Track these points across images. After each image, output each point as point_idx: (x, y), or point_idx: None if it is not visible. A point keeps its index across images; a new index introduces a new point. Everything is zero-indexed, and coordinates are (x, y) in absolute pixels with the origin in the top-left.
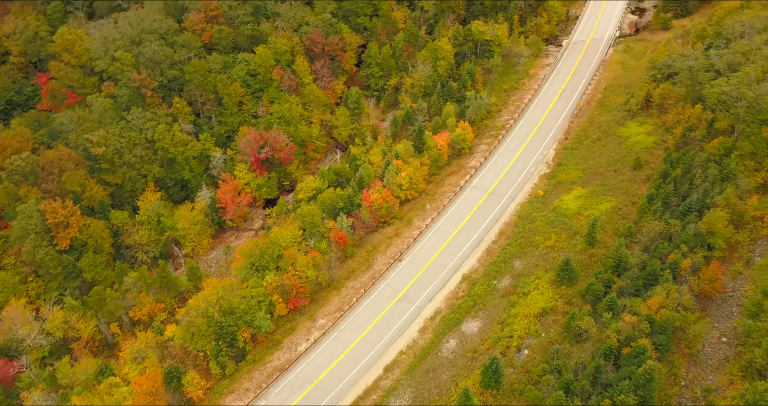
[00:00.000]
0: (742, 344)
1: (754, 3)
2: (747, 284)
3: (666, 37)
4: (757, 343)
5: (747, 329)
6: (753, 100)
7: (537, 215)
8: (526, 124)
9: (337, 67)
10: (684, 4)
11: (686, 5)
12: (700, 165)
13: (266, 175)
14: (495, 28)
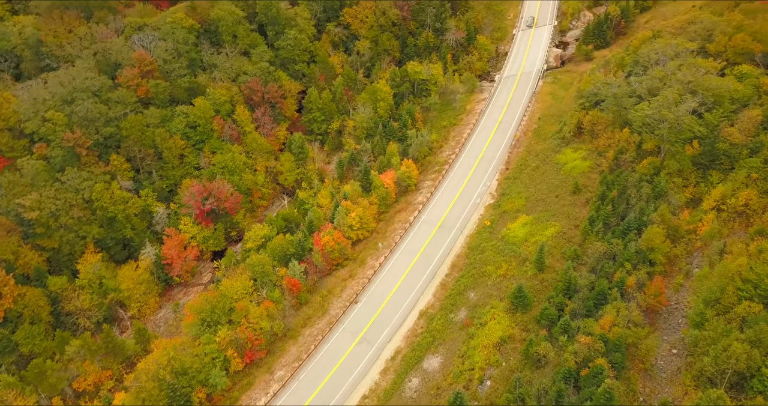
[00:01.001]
0: (692, 354)
1: (663, 32)
2: (689, 296)
3: (590, 68)
4: (704, 352)
5: (694, 339)
6: (674, 121)
7: (486, 245)
8: (468, 157)
9: (279, 113)
10: (602, 37)
11: (605, 37)
12: (633, 185)
13: (212, 226)
14: (430, 68)
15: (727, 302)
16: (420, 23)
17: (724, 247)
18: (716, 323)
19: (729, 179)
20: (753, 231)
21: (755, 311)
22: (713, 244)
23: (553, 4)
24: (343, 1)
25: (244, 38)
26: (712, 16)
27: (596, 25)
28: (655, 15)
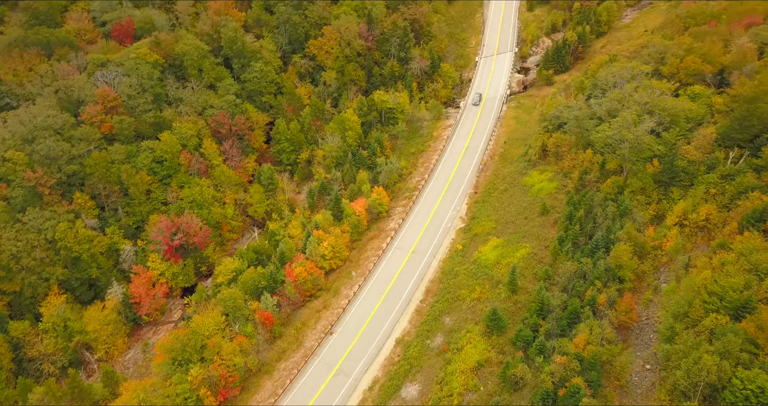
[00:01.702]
0: (664, 369)
1: (619, 56)
2: (658, 310)
3: (551, 92)
4: (676, 365)
5: (666, 353)
6: (634, 141)
7: (459, 269)
8: (437, 182)
9: (247, 145)
10: (562, 62)
11: (564, 62)
12: (599, 204)
13: (181, 262)
14: (396, 96)
15: (694, 315)
16: (385, 53)
17: (688, 261)
18: (686, 336)
19: (689, 195)
20: (715, 245)
21: (722, 323)
22: (678, 259)
23: (513, 31)
24: (308, 33)
25: (210, 72)
26: (664, 39)
27: (555, 50)
28: (610, 40)
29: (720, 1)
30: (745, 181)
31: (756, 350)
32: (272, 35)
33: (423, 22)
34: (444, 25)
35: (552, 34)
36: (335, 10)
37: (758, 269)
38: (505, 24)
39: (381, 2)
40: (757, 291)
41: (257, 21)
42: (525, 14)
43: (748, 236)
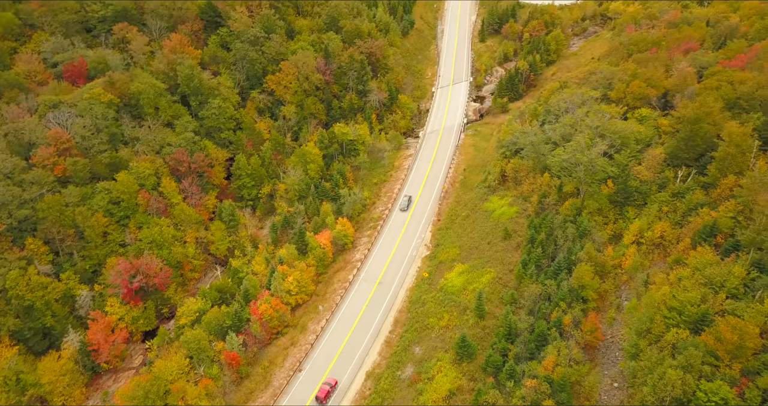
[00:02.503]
0: (632, 386)
1: (569, 83)
2: (622, 328)
3: (507, 119)
4: (643, 382)
5: (632, 370)
6: (588, 163)
7: (426, 298)
8: (401, 212)
9: (207, 182)
10: (515, 89)
11: (517, 90)
12: (559, 226)
13: (142, 305)
14: (356, 128)
15: (656, 330)
16: (343, 86)
17: (647, 278)
18: (650, 352)
19: (644, 214)
20: (671, 261)
21: (683, 337)
22: (637, 276)
23: (467, 62)
24: (266, 69)
25: (167, 110)
26: (610, 66)
27: (508, 79)
28: (560, 67)
29: (659, 29)
30: (695, 199)
31: (716, 362)
32: (229, 72)
33: (379, 55)
34: (400, 58)
35: (504, 64)
36: (292, 45)
37: (712, 283)
38: (459, 55)
39: (337, 37)
40: (713, 304)
41: (214, 58)
42: (477, 45)
43: (701, 250)
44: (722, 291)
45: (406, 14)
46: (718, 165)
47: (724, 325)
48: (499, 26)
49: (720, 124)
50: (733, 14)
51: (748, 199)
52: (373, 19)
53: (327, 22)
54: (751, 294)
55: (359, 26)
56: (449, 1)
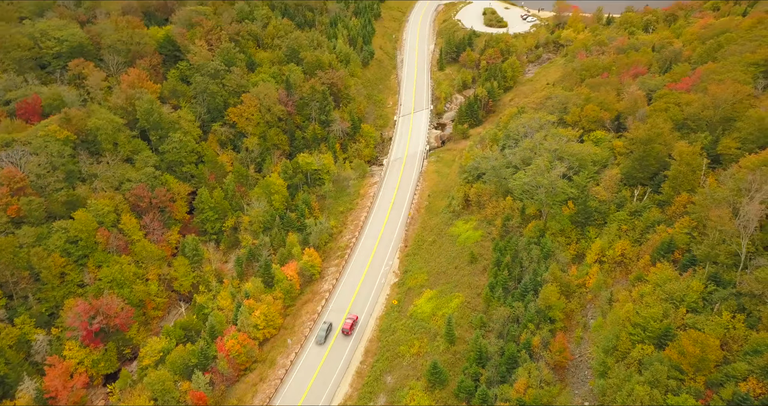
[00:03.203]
0: (602, 404)
1: (527, 108)
2: (590, 347)
3: (468, 145)
4: (612, 399)
5: (601, 388)
6: (548, 186)
7: (396, 325)
8: (368, 239)
9: (169, 217)
10: (475, 116)
11: (477, 116)
12: (524, 248)
13: (102, 347)
14: (321, 158)
15: (623, 347)
16: (306, 117)
17: (611, 296)
18: (617, 369)
19: (604, 233)
20: (632, 278)
21: (648, 353)
22: (602, 294)
23: (427, 90)
24: (227, 101)
25: (126, 145)
26: (564, 91)
27: (468, 106)
28: (517, 93)
29: (608, 55)
30: (651, 217)
31: (681, 375)
32: (190, 105)
33: (341, 86)
34: (361, 88)
35: (463, 91)
36: (253, 77)
37: (673, 298)
38: (419, 83)
39: (298, 68)
40: (674, 319)
41: (173, 92)
42: (436, 73)
43: (660, 267)
44: (682, 306)
45: (366, 45)
46: (671, 183)
47: (686, 339)
48: (456, 55)
49: (670, 144)
50: (676, 40)
51: (701, 215)
52: (333, 50)
53: (287, 54)
54: (710, 307)
55: (320, 57)
56: (408, 32)
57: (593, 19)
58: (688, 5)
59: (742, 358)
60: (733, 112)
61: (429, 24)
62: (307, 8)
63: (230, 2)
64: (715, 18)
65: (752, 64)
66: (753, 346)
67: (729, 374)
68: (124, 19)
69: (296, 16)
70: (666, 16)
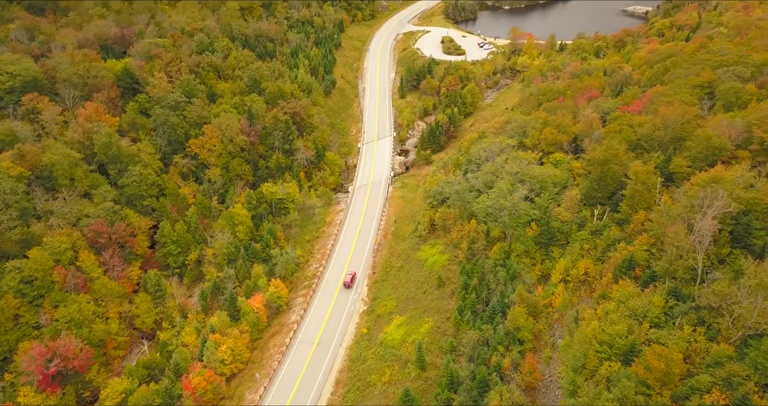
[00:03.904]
0: None
1: (487, 133)
2: (559, 366)
3: (431, 170)
4: None
5: None
6: (511, 208)
7: (367, 354)
8: (335, 267)
9: (129, 253)
10: (437, 141)
11: (439, 142)
12: (490, 271)
13: (60, 391)
14: (285, 187)
15: (591, 365)
16: (269, 146)
17: (577, 315)
18: (587, 388)
19: (567, 253)
20: (597, 296)
21: (615, 369)
22: (568, 313)
23: (389, 117)
24: (188, 133)
25: (84, 180)
26: (523, 115)
27: (430, 132)
28: (477, 119)
29: (563, 80)
30: (612, 235)
31: (648, 391)
32: (150, 137)
33: (304, 115)
34: (324, 116)
35: (425, 118)
36: (214, 108)
37: (636, 314)
38: (382, 111)
39: (260, 98)
40: (639, 335)
41: (133, 125)
42: (398, 101)
43: (622, 284)
44: (645, 321)
45: (328, 75)
46: (628, 202)
47: (651, 354)
48: (417, 83)
49: (626, 164)
50: (625, 64)
51: (658, 232)
52: (295, 80)
53: (249, 85)
54: (672, 322)
55: (282, 87)
56: (368, 61)
57: (547, 46)
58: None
59: (705, 370)
60: (682, 132)
61: (389, 53)
62: (267, 39)
63: (189, 34)
64: (661, 43)
65: (697, 86)
66: (714, 358)
67: (693, 386)
68: (81, 52)
69: (257, 46)
70: (615, 42)
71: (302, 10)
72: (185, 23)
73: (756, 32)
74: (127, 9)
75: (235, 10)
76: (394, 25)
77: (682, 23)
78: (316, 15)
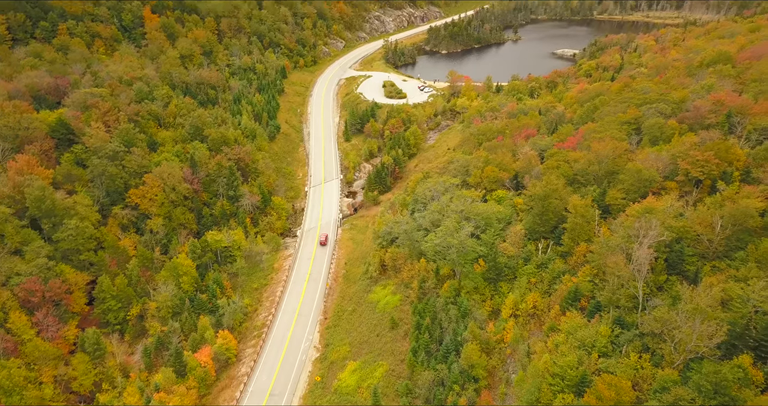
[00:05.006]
0: None
1: (431, 172)
2: (514, 402)
3: (379, 211)
4: None
5: None
6: (459, 246)
7: (321, 403)
8: (285, 315)
9: (65, 311)
10: (384, 182)
11: (385, 183)
12: (442, 309)
13: None
14: (231, 234)
15: (545, 399)
16: (213, 193)
17: (529, 348)
18: None
19: (515, 287)
20: (546, 328)
21: (569, 402)
22: (520, 348)
23: (335, 160)
24: (128, 183)
25: (14, 236)
26: (464, 155)
27: (376, 173)
28: (421, 159)
29: (501, 120)
30: (556, 268)
31: None
32: (87, 189)
33: (248, 160)
34: (270, 161)
35: (371, 160)
36: (155, 157)
37: (585, 344)
38: (327, 154)
39: (203, 145)
40: (589, 365)
41: (68, 177)
42: (343, 144)
43: (569, 315)
44: (594, 351)
45: (272, 120)
46: (569, 235)
47: (601, 384)
48: (361, 126)
49: (565, 198)
50: (558, 104)
51: (599, 262)
52: (238, 126)
53: (191, 132)
54: (619, 350)
55: (225, 134)
56: (312, 106)
57: (484, 88)
58: (564, 73)
59: (653, 396)
60: (614, 166)
61: (332, 97)
62: (209, 86)
63: (128, 83)
64: (589, 83)
65: (625, 122)
66: (660, 383)
67: None
68: (11, 103)
69: (198, 94)
70: (547, 83)
71: (244, 57)
72: (123, 72)
73: (673, 72)
74: (61, 59)
75: (174, 58)
76: (336, 71)
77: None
78: (258, 62)
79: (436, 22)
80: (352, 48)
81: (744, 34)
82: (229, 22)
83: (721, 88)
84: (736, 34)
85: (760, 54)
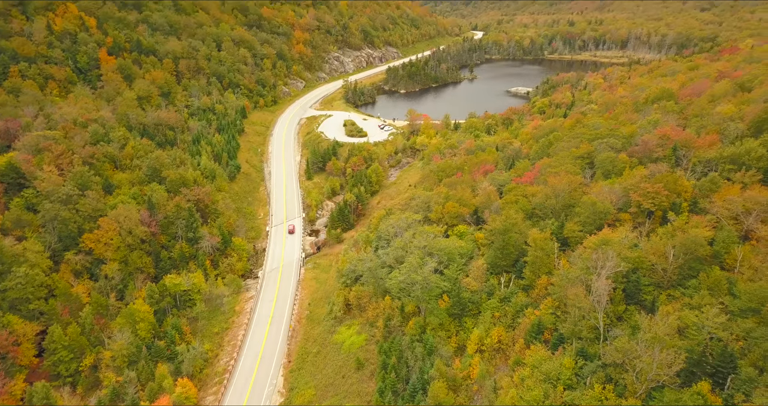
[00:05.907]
0: None
1: (394, 209)
2: None
3: (343, 249)
4: None
5: None
6: (423, 282)
7: None
8: (248, 359)
9: (12, 364)
10: (347, 220)
11: (348, 220)
12: (407, 347)
13: None
14: (190, 278)
15: None
16: (172, 236)
17: (495, 384)
18: None
19: (480, 322)
20: (512, 363)
21: None
22: (486, 384)
23: (298, 199)
24: (82, 227)
25: None
26: (425, 191)
27: (339, 211)
28: (383, 196)
29: (460, 156)
30: (519, 301)
31: None
32: (38, 235)
33: (208, 201)
34: (230, 202)
35: (333, 197)
36: (111, 200)
37: (550, 377)
38: (289, 193)
39: (161, 187)
40: (555, 398)
41: (17, 222)
42: (305, 183)
43: (534, 349)
44: (559, 384)
45: (232, 160)
46: (530, 268)
47: None
48: (323, 164)
49: (525, 232)
50: (515, 140)
51: (560, 295)
52: (197, 166)
53: (148, 174)
54: (583, 382)
55: (184, 175)
56: (273, 145)
57: (442, 125)
58: (519, 110)
59: None
60: (570, 199)
61: (293, 137)
62: (167, 127)
63: (83, 125)
64: (543, 120)
65: (578, 157)
66: None
67: None
68: None
69: (156, 135)
70: (503, 120)
71: (203, 97)
72: (78, 114)
73: (621, 108)
74: (12, 101)
75: (132, 99)
76: (296, 110)
77: (559, 101)
78: (217, 102)
79: (395, 62)
80: (312, 88)
81: (684, 72)
82: (187, 63)
83: (666, 123)
84: (676, 72)
85: (699, 91)
